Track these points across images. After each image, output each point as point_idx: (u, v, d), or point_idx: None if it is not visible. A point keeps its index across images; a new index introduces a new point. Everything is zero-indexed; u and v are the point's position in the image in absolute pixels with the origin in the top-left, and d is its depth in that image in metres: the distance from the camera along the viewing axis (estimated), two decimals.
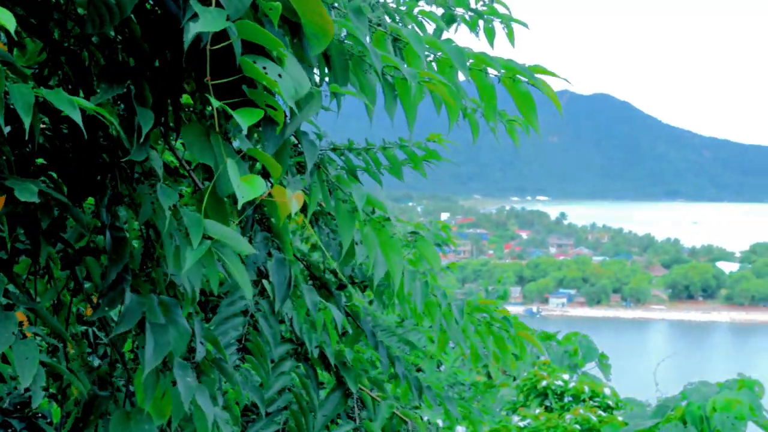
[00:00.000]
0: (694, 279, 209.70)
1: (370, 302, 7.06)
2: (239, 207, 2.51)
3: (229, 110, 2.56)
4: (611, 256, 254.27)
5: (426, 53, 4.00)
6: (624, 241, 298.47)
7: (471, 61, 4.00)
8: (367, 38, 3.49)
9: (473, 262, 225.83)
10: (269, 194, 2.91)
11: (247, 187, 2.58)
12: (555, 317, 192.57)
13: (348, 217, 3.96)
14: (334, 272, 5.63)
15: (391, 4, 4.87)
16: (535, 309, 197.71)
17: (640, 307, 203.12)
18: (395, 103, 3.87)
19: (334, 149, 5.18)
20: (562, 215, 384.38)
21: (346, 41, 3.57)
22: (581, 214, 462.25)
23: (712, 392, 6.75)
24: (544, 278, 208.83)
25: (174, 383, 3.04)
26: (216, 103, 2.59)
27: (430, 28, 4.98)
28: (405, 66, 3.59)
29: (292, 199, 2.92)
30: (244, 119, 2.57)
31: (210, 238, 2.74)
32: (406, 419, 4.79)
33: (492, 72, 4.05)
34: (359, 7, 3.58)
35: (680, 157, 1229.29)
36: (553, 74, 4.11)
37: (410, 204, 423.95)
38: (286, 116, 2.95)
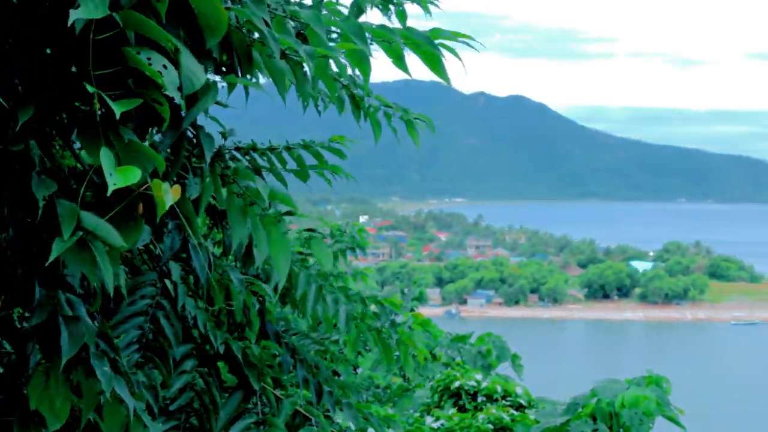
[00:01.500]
0: (609, 278, 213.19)
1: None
2: (108, 194, 2.51)
3: (106, 97, 2.53)
4: (528, 256, 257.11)
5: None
6: (541, 241, 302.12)
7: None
8: (266, 24, 3.44)
9: (392, 265, 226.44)
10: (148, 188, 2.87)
11: (119, 176, 2.57)
12: (474, 318, 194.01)
13: (239, 212, 3.85)
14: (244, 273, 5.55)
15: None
16: (454, 310, 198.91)
17: (557, 307, 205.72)
18: (307, 83, 3.88)
19: (237, 149, 5.09)
20: (480, 217, 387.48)
21: (244, 29, 3.55)
22: (498, 215, 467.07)
23: (621, 389, 6.82)
24: (463, 279, 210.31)
25: (76, 383, 3.04)
26: (91, 89, 2.56)
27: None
28: (303, 46, 3.64)
29: (168, 192, 2.83)
30: (117, 107, 2.55)
31: (87, 231, 2.70)
32: (309, 417, 4.73)
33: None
34: None
35: (594, 158, 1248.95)
36: (453, 36, 4.24)
37: (329, 207, 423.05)
38: (180, 109, 2.93)
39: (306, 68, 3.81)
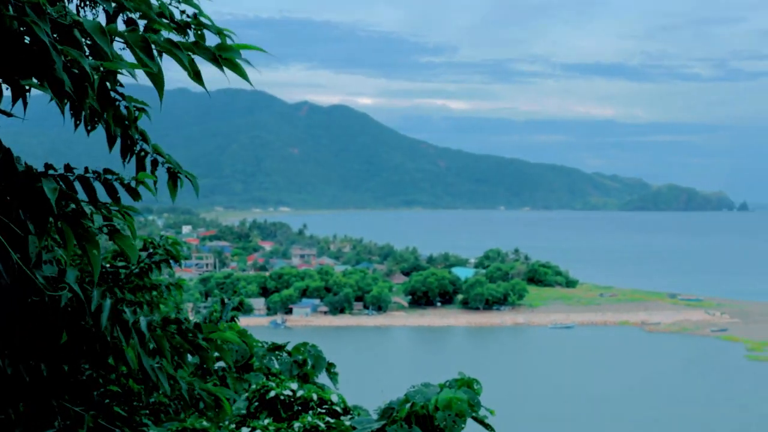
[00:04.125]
0: (432, 285, 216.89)
1: None
2: None
3: None
4: (353, 265, 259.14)
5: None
6: (365, 250, 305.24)
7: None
8: (47, 34, 3.42)
9: (216, 275, 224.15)
10: None
11: None
12: (300, 327, 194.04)
13: None
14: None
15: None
16: (279, 320, 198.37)
17: (382, 315, 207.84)
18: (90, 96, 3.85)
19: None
20: (305, 226, 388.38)
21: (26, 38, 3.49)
22: (323, 224, 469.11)
23: (434, 392, 6.85)
24: (288, 289, 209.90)
25: None
26: None
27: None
28: (88, 60, 3.64)
29: None
30: None
31: None
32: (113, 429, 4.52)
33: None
34: (38, 2, 3.51)
35: (417, 167, 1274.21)
36: (237, 51, 4.50)
37: (150, 218, 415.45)
38: None
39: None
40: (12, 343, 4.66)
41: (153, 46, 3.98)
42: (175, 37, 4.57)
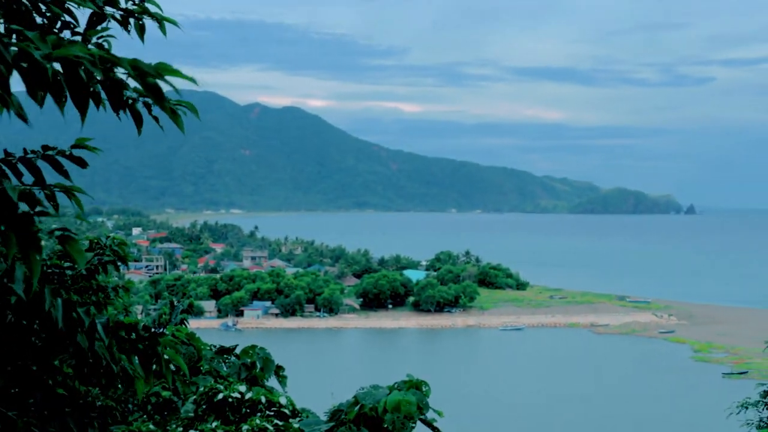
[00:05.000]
0: (383, 287, 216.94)
1: None
2: None
3: None
4: (304, 267, 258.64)
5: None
6: (317, 252, 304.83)
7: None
8: None
9: (167, 277, 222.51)
10: None
11: None
12: (251, 329, 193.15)
13: None
14: None
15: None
16: (230, 322, 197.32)
17: (333, 317, 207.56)
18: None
19: None
20: (256, 228, 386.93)
21: None
22: (275, 226, 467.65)
23: (383, 394, 6.86)
24: (239, 291, 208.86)
25: None
26: None
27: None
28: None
29: None
30: None
31: None
32: None
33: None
34: None
35: (368, 170, 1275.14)
36: (177, 73, 4.50)
37: (99, 219, 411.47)
38: None
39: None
40: None
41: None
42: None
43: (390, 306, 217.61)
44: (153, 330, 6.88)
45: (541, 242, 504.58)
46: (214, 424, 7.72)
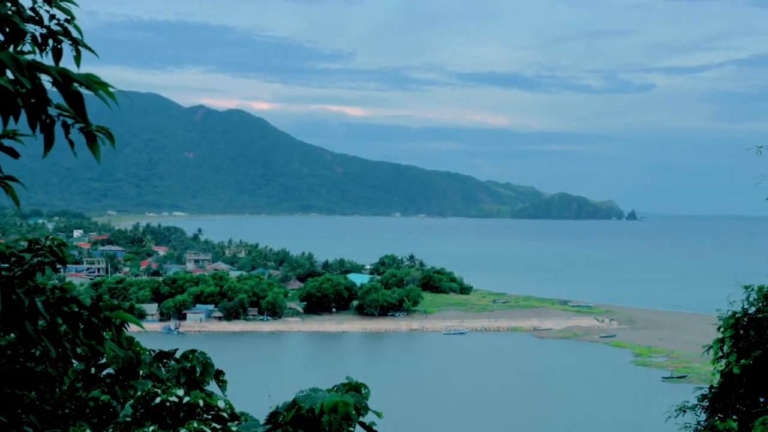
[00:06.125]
0: (327, 291, 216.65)
1: None
2: None
3: None
4: (248, 270, 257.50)
5: None
6: (260, 255, 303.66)
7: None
8: None
9: (108, 280, 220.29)
10: None
11: None
12: (193, 333, 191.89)
13: None
14: None
15: None
16: (172, 326, 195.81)
17: (277, 321, 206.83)
18: None
19: None
20: (200, 231, 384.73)
21: None
22: (218, 229, 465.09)
23: (322, 396, 6.86)
24: (182, 294, 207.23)
25: None
26: None
27: None
28: None
29: None
30: None
31: None
32: None
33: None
34: None
35: (313, 173, 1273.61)
36: (104, 87, 4.43)
37: (40, 221, 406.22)
38: None
39: None
40: None
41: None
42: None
43: (334, 310, 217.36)
44: (93, 300, 6.87)
45: (484, 246, 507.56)
46: (151, 428, 7.65)
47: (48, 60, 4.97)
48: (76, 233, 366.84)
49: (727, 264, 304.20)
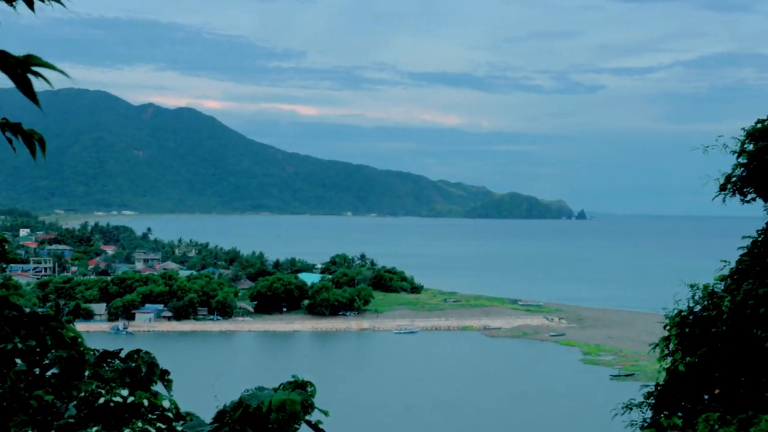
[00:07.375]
0: (278, 290, 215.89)
1: None
2: None
3: None
4: (198, 269, 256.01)
5: None
6: (211, 255, 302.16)
7: None
8: None
9: (56, 279, 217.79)
10: None
11: None
12: (142, 333, 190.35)
13: None
14: None
15: None
16: (121, 326, 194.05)
17: (227, 320, 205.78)
18: None
19: None
20: (149, 230, 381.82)
21: None
22: (168, 228, 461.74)
23: (269, 395, 6.82)
24: (131, 294, 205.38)
25: None
26: None
27: None
28: None
29: None
30: None
31: None
32: None
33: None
34: None
35: (264, 172, 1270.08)
36: (48, 65, 4.34)
37: None
38: None
39: None
40: None
41: None
42: None
43: (284, 309, 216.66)
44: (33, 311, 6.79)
45: (435, 246, 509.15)
46: (95, 429, 7.57)
47: None
48: (23, 232, 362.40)
49: (673, 263, 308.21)
